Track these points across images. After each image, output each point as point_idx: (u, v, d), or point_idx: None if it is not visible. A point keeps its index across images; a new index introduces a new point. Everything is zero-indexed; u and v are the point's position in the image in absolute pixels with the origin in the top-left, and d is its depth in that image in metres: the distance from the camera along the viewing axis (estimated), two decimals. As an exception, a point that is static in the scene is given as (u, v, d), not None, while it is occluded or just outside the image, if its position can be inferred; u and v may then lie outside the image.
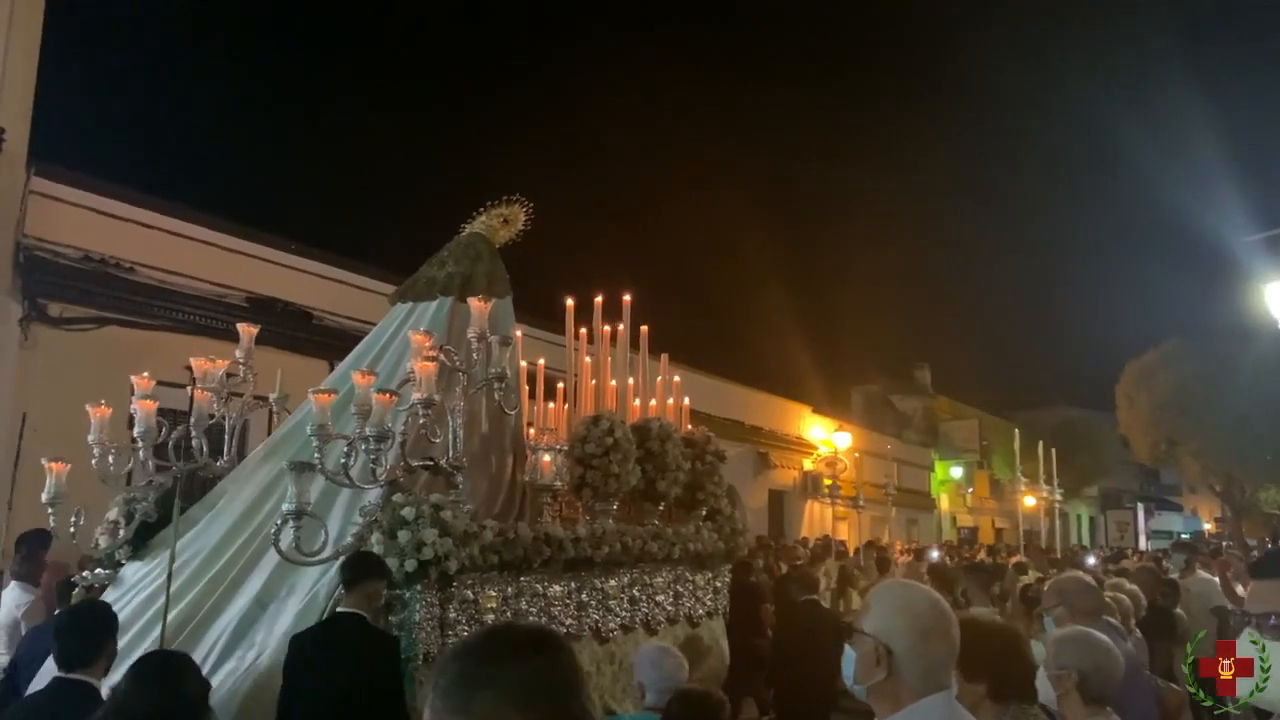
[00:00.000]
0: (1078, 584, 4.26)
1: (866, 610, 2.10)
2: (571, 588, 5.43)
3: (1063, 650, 3.06)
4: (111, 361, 8.49)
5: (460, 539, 4.59)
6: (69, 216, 8.82)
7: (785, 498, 21.23)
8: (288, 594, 4.68)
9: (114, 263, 8.99)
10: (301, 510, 4.35)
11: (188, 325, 9.50)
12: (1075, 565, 11.46)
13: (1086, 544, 32.76)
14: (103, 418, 5.21)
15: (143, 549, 5.23)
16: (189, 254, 9.75)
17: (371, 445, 4.48)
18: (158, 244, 9.48)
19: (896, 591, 2.18)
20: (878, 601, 2.11)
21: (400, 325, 5.79)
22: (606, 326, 6.66)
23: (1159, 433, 29.39)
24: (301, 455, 4.90)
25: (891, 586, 2.26)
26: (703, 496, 6.70)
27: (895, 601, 2.09)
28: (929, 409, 31.80)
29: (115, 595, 5.00)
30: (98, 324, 8.88)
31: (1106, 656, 3.02)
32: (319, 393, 4.62)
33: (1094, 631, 3.21)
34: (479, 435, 5.36)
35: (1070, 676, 2.96)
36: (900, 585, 2.26)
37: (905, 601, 2.08)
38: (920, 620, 2.02)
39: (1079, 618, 3.85)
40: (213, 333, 9.55)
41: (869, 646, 2.01)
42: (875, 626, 2.03)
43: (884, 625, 2.02)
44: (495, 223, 6.21)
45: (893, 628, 2.01)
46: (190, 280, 9.64)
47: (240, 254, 10.37)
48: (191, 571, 4.91)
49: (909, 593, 2.14)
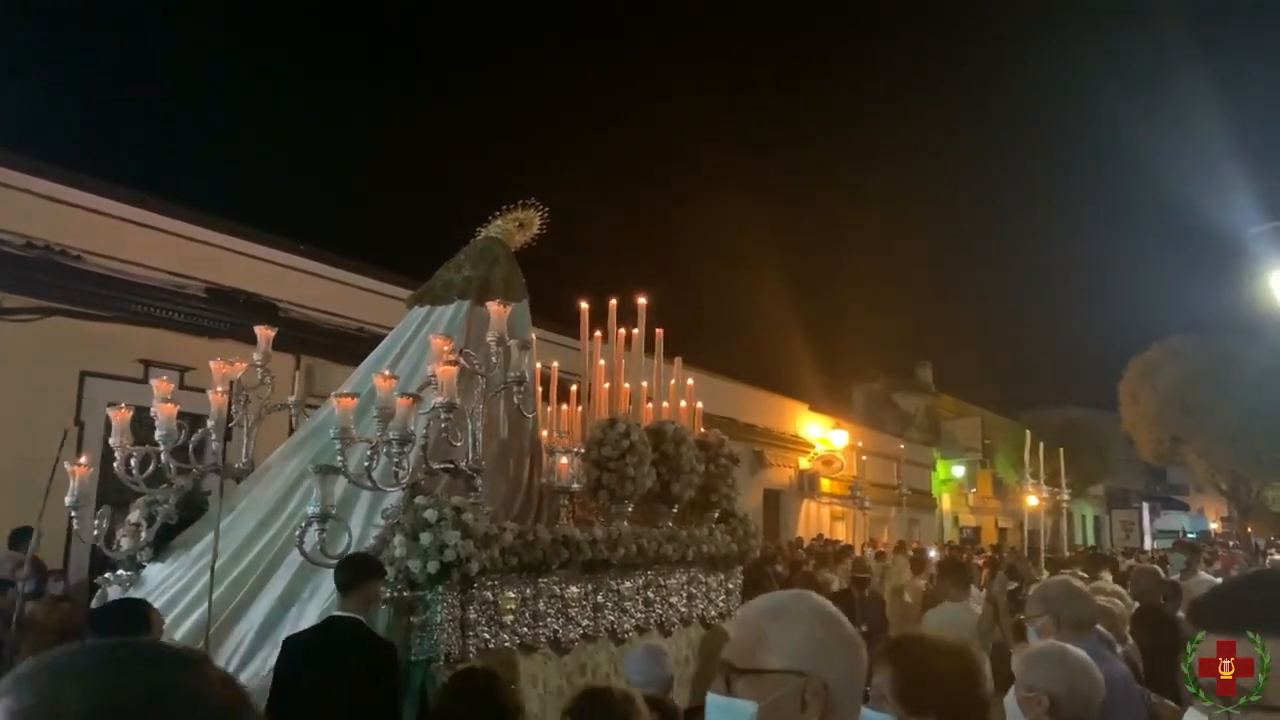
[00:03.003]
0: (1065, 590, 3.86)
1: (759, 639, 1.56)
2: (588, 589, 5.61)
3: (1032, 669, 2.79)
4: (57, 353, 8.53)
5: (481, 541, 4.75)
6: (11, 202, 8.52)
7: (781, 497, 21.37)
8: (311, 595, 4.84)
9: (60, 250, 8.71)
10: (326, 513, 4.53)
11: (142, 317, 9.33)
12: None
13: (1092, 544, 32.97)
14: (124, 421, 5.38)
15: (164, 551, 5.39)
16: (143, 242, 9.47)
17: (395, 448, 4.65)
18: (109, 231, 9.21)
19: (799, 606, 1.62)
20: (782, 627, 1.57)
21: (418, 328, 5.97)
22: (621, 330, 6.82)
23: (1163, 430, 29.57)
24: (323, 458, 5.09)
25: (782, 599, 1.69)
26: (716, 499, 6.89)
27: (808, 616, 1.59)
28: (931, 407, 32.03)
29: (139, 596, 5.15)
30: (42, 314, 8.60)
31: (1083, 677, 2.76)
32: (342, 396, 4.79)
33: (1069, 648, 2.93)
34: (497, 438, 5.53)
35: (1041, 700, 2.69)
36: (795, 596, 1.69)
37: (819, 615, 1.60)
38: (844, 634, 1.59)
39: (1066, 630, 3.56)
40: (170, 325, 9.50)
41: (788, 687, 1.50)
42: (788, 657, 1.52)
43: (804, 651, 1.53)
44: (511, 226, 6.38)
45: (813, 652, 1.53)
46: (145, 269, 9.38)
47: (200, 243, 10.13)
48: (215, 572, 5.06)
49: (812, 603, 1.64)
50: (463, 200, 28.61)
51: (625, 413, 6.62)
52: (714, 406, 15.80)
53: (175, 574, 5.22)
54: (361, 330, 10.91)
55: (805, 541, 17.54)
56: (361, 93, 48.58)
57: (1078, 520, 38.50)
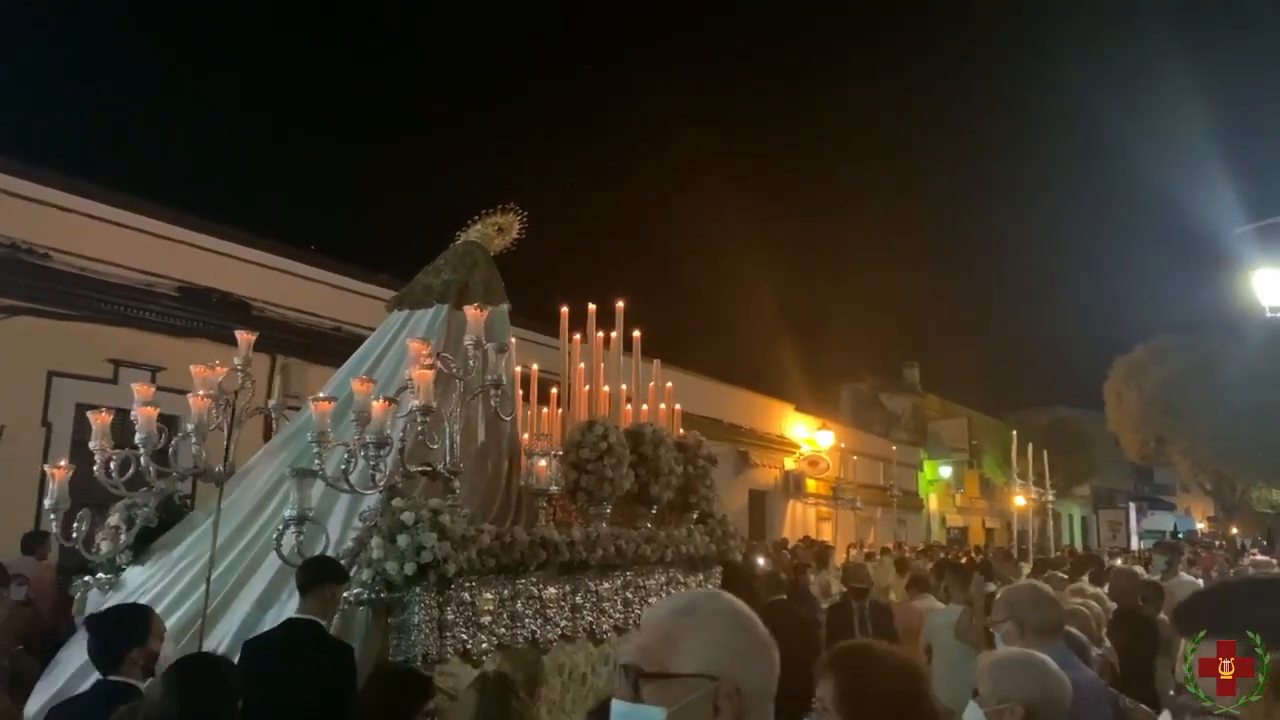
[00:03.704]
0: (1031, 595, 3.74)
1: (668, 641, 1.49)
2: (566, 590, 5.70)
3: (1003, 679, 2.67)
4: (23, 353, 8.50)
5: (458, 543, 4.83)
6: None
7: (766, 498, 21.49)
8: (289, 597, 4.90)
9: (26, 248, 8.65)
10: (303, 516, 4.62)
11: (111, 316, 9.24)
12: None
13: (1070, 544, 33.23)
14: (104, 424, 5.44)
15: (144, 553, 5.46)
16: (113, 240, 9.39)
17: (372, 451, 4.73)
18: (78, 229, 9.10)
19: (711, 606, 1.55)
20: (693, 628, 1.50)
21: (397, 332, 6.06)
22: (600, 333, 6.92)
23: (1148, 430, 29.94)
24: (302, 461, 5.18)
25: (693, 598, 1.62)
26: (694, 500, 7.00)
27: (720, 617, 1.52)
28: (918, 407, 32.25)
29: (118, 599, 5.23)
30: (7, 313, 8.55)
31: (1059, 685, 2.68)
32: (319, 400, 4.88)
33: (1034, 653, 2.85)
34: (475, 441, 5.61)
35: (1015, 711, 2.58)
36: (708, 596, 1.62)
37: (732, 615, 1.53)
38: (758, 635, 1.53)
39: (1030, 635, 3.48)
40: (141, 324, 9.45)
41: (699, 692, 1.43)
42: (699, 660, 1.45)
43: (716, 655, 1.47)
44: (490, 231, 6.47)
45: (726, 655, 1.47)
46: (113, 268, 9.31)
47: (171, 240, 10.03)
48: (193, 576, 5.14)
49: (724, 603, 1.57)
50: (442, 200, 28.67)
51: (604, 415, 6.71)
52: (699, 407, 15.88)
53: (155, 576, 5.30)
54: (338, 330, 10.94)
55: (790, 542, 17.65)
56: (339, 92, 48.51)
57: (1064, 520, 38.78)
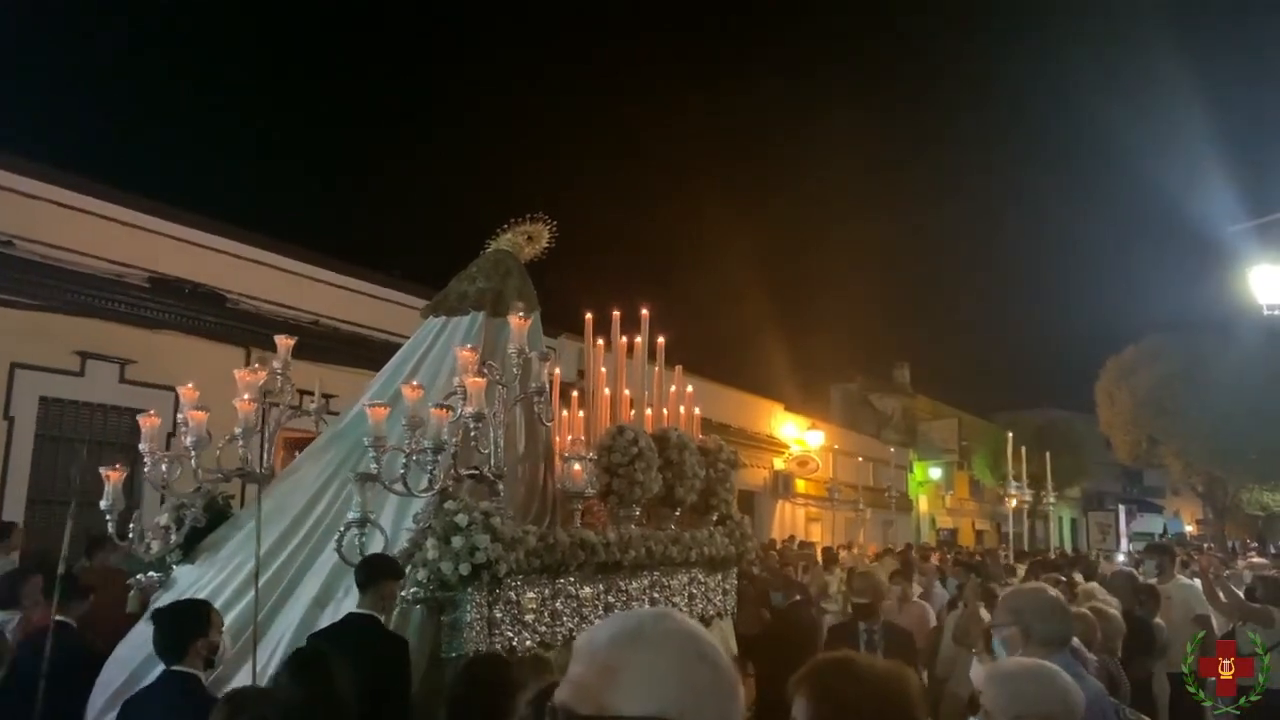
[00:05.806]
0: (1041, 602, 3.45)
1: (608, 676, 1.29)
2: (600, 590, 6.11)
3: (1019, 693, 2.55)
4: None
5: (508, 544, 5.23)
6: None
7: (755, 498, 21.93)
8: (345, 594, 5.29)
9: None
10: (365, 518, 5.01)
11: (79, 307, 9.26)
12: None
13: (1068, 546, 33.93)
14: (153, 427, 5.79)
15: (193, 553, 5.81)
16: (81, 228, 9.38)
17: (429, 456, 5.12)
18: (42, 216, 9.09)
19: (658, 630, 1.35)
20: (640, 660, 1.30)
21: (435, 338, 6.43)
22: (624, 338, 7.33)
23: (1140, 431, 30.50)
24: (350, 462, 5.60)
25: (639, 621, 1.40)
26: (715, 502, 7.45)
27: (671, 645, 1.32)
28: (908, 408, 32.82)
29: (170, 598, 5.58)
30: None
31: (1077, 699, 2.59)
32: (374, 406, 5.25)
33: (1048, 665, 2.72)
34: (517, 445, 6.01)
35: None
36: (656, 617, 1.42)
37: (686, 641, 1.34)
38: (718, 666, 1.34)
39: (1035, 645, 3.29)
40: (109, 315, 9.50)
41: None
42: (647, 697, 1.26)
43: (665, 691, 1.27)
44: (519, 239, 6.85)
45: (681, 691, 1.28)
46: (82, 257, 9.29)
47: (142, 229, 10.03)
48: (247, 574, 5.49)
49: (675, 625, 1.38)
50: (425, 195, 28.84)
51: (627, 419, 7.12)
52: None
53: (207, 575, 5.66)
54: (315, 323, 11.01)
55: (779, 543, 18.11)
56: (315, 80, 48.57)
57: (1054, 522, 39.49)
